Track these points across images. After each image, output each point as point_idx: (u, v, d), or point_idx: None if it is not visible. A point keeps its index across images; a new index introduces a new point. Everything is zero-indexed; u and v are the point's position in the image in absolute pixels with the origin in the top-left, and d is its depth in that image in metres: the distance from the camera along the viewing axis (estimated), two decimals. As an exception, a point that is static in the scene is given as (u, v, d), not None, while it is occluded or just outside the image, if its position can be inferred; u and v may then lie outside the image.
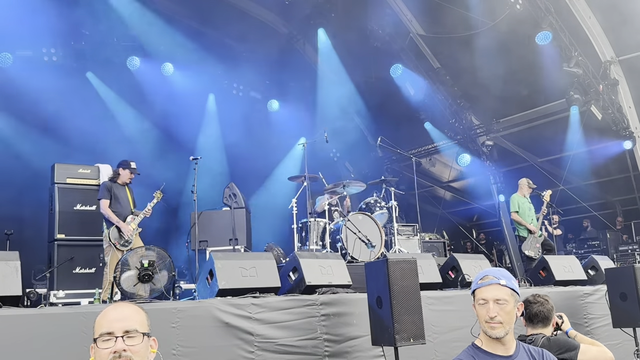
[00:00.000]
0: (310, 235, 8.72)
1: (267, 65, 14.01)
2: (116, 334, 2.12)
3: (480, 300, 2.67)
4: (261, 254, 5.89)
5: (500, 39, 11.74)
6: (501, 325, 2.61)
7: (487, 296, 2.65)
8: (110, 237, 7.40)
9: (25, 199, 9.93)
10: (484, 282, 2.70)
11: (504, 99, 13.33)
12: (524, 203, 10.10)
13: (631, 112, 13.14)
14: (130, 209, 7.77)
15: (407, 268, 4.69)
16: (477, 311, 2.71)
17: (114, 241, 7.38)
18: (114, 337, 2.12)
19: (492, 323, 2.61)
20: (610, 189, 14.62)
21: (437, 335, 5.78)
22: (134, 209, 7.83)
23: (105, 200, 7.56)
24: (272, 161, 13.55)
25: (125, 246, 7.42)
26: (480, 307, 2.67)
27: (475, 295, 2.73)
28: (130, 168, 7.86)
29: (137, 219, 7.65)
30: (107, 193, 7.59)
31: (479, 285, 2.72)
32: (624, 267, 7.71)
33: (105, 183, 7.78)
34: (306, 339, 5.02)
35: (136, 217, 7.65)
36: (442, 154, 16.55)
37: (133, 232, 7.54)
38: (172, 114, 12.73)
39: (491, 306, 2.62)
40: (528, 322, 4.08)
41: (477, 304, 2.70)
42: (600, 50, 12.73)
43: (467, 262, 7.07)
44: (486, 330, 2.64)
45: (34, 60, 11.43)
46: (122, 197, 7.75)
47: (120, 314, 2.20)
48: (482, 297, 2.67)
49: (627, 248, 13.40)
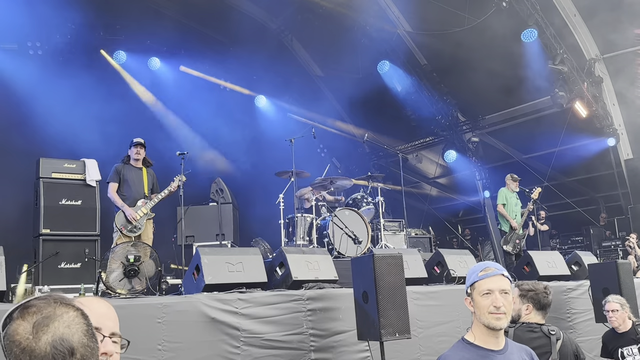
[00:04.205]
0: (297, 231, 8.74)
1: (254, 60, 13.98)
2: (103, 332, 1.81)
3: (485, 291, 2.64)
4: (248, 249, 5.90)
5: (486, 36, 11.81)
6: (505, 316, 2.60)
7: (493, 286, 2.63)
8: (116, 222, 7.12)
9: (9, 194, 9.83)
10: (487, 273, 2.68)
11: (490, 96, 13.42)
12: (511, 198, 10.21)
13: (615, 110, 13.30)
14: (143, 192, 7.41)
15: (393, 263, 4.73)
16: (477, 303, 2.66)
17: (120, 226, 7.09)
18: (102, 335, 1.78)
19: (498, 313, 2.59)
20: (593, 186, 14.78)
21: (422, 330, 5.84)
22: (147, 194, 7.44)
23: (112, 183, 7.30)
24: (259, 156, 13.52)
25: (134, 232, 7.13)
26: (483, 298, 2.64)
27: (475, 288, 2.69)
28: (132, 144, 7.57)
29: (150, 203, 7.28)
30: (116, 176, 7.34)
31: (481, 276, 2.68)
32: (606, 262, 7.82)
33: (116, 165, 7.51)
34: (292, 334, 5.04)
35: (148, 202, 7.29)
36: (429, 150, 16.63)
37: (143, 218, 7.17)
38: (158, 109, 12.67)
39: (498, 296, 2.61)
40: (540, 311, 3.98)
41: (479, 295, 2.66)
42: (585, 48, 12.86)
43: (452, 258, 7.13)
44: (489, 322, 2.61)
45: (18, 53, 11.32)
46: (134, 180, 7.41)
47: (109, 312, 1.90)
48: (488, 287, 2.64)
49: (610, 244, 13.57)
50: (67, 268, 7.89)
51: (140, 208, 7.23)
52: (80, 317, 1.38)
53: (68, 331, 1.33)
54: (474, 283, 2.71)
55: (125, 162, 7.51)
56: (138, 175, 7.48)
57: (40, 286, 7.57)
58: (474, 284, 2.71)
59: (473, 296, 2.70)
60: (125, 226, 7.10)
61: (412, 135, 16.38)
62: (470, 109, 15.12)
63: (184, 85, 13.54)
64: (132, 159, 7.54)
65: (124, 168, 7.42)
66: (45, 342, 1.30)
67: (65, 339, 1.31)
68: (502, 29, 11.71)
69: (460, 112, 15.47)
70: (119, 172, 7.38)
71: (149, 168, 7.66)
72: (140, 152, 7.60)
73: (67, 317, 1.35)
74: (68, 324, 1.34)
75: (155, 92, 12.88)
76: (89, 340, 1.35)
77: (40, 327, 1.32)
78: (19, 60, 11.06)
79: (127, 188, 7.34)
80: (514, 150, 15.05)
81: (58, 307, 1.36)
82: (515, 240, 9.84)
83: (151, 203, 7.27)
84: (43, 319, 1.33)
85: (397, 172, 11.60)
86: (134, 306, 4.44)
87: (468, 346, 2.70)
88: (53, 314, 1.35)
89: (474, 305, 2.69)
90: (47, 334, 1.31)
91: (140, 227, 7.17)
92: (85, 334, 1.35)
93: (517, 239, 9.87)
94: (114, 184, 7.31)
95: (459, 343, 2.76)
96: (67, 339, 1.32)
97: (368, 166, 16.55)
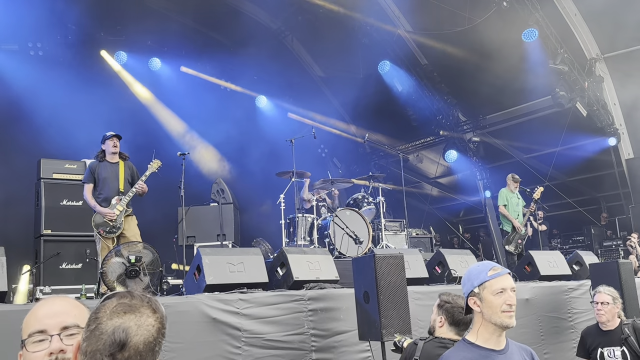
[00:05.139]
0: (298, 231, 8.74)
1: (255, 60, 13.98)
2: (50, 332, 1.75)
3: (499, 289, 2.65)
4: (249, 250, 5.90)
5: (487, 36, 11.80)
6: (513, 314, 2.64)
7: (505, 285, 2.65)
8: (93, 225, 6.68)
9: (10, 194, 9.84)
10: (497, 272, 2.69)
11: (491, 96, 13.41)
12: (511, 198, 10.21)
13: (616, 109, 13.28)
14: (117, 188, 6.92)
15: (394, 263, 4.72)
16: (489, 302, 2.66)
17: (98, 229, 6.65)
18: (48, 336, 1.74)
19: (511, 312, 2.62)
20: (594, 185, 14.76)
21: (424, 330, 5.82)
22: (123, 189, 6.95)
23: (88, 184, 6.86)
24: (260, 157, 13.53)
25: (113, 233, 6.69)
26: (496, 297, 2.64)
27: (486, 287, 2.68)
28: (107, 137, 7.05)
29: (125, 198, 6.81)
30: (90, 176, 6.89)
31: (492, 276, 2.69)
32: (608, 262, 7.82)
33: (90, 164, 7.04)
34: (293, 334, 5.04)
35: (123, 197, 6.82)
36: (429, 150, 16.62)
37: (120, 215, 6.72)
38: (159, 109, 12.68)
39: (511, 294, 2.64)
40: (453, 326, 3.60)
41: (491, 294, 2.66)
42: (585, 47, 12.85)
43: (453, 258, 7.12)
44: (502, 320, 2.62)
45: (19, 54, 11.33)
46: (110, 177, 6.94)
47: (52, 309, 1.81)
48: (501, 286, 2.65)
49: (611, 243, 13.55)
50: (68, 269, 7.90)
51: (115, 206, 6.79)
52: (154, 327, 1.41)
53: (135, 329, 1.38)
54: (483, 282, 2.70)
55: (100, 160, 7.03)
56: (114, 171, 7.01)
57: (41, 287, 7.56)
58: (483, 283, 2.70)
59: (483, 295, 2.69)
60: (103, 228, 6.67)
61: (413, 135, 16.37)
62: (471, 108, 15.11)
63: (184, 86, 13.54)
64: (108, 154, 7.04)
65: (99, 166, 6.96)
66: (112, 324, 1.37)
67: (127, 332, 1.37)
68: (502, 28, 11.70)
69: (461, 111, 15.47)
70: (94, 171, 6.92)
71: (127, 160, 7.19)
72: (117, 145, 7.08)
73: (143, 318, 1.41)
74: (140, 323, 1.39)
75: (156, 93, 12.89)
76: (144, 349, 1.38)
77: (119, 311, 1.40)
78: (19, 61, 11.08)
79: (103, 186, 6.89)
80: (515, 150, 15.04)
81: (144, 307, 1.43)
82: (517, 240, 9.85)
83: (126, 198, 6.82)
84: (127, 306, 1.41)
85: (398, 172, 11.61)
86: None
87: (469, 346, 2.70)
88: (136, 308, 1.42)
89: (483, 304, 2.68)
90: (119, 320, 1.38)
91: (119, 226, 6.75)
92: (144, 343, 1.38)
93: (519, 239, 9.87)
94: (89, 185, 6.86)
95: (461, 343, 2.77)
96: (128, 333, 1.37)
97: (369, 166, 16.55)
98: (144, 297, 1.46)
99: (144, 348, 1.38)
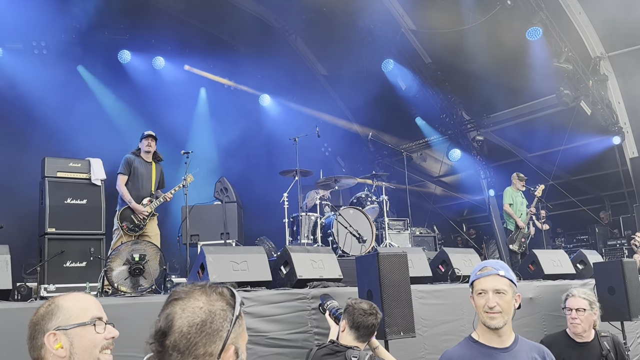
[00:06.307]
0: (301, 230, 8.75)
1: (258, 59, 13.99)
2: (104, 320, 2.00)
3: (480, 290, 2.67)
4: (252, 248, 5.90)
5: (490, 34, 11.78)
6: (500, 315, 2.62)
7: (487, 286, 2.66)
8: (119, 218, 6.74)
9: (15, 193, 9.87)
10: (483, 272, 2.70)
11: (495, 95, 13.38)
12: (517, 197, 10.21)
13: (620, 108, 13.25)
14: (150, 189, 7.01)
15: (398, 262, 4.72)
16: (475, 302, 2.71)
17: (122, 223, 6.71)
18: (103, 322, 1.99)
19: (492, 313, 2.62)
20: (599, 184, 14.73)
21: (427, 329, 5.83)
22: (154, 191, 7.05)
23: (122, 175, 6.86)
24: (264, 155, 13.54)
25: (135, 231, 6.76)
26: (479, 297, 2.68)
27: (474, 287, 2.73)
28: (143, 136, 7.12)
29: (156, 202, 6.89)
30: (127, 168, 6.90)
31: (477, 276, 2.72)
32: (612, 261, 7.79)
33: (127, 156, 7.06)
34: (297, 333, 5.05)
35: (154, 201, 6.91)
36: (433, 149, 16.61)
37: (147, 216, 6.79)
38: (163, 108, 12.69)
39: (490, 296, 2.63)
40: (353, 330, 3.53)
41: (475, 294, 2.71)
42: (590, 46, 12.81)
43: (457, 256, 7.11)
44: (485, 321, 2.65)
45: (24, 53, 11.36)
46: (144, 175, 6.99)
47: (96, 304, 2.04)
48: (482, 287, 2.67)
49: (615, 242, 13.53)
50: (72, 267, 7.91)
51: (145, 207, 6.90)
52: (202, 309, 1.40)
53: (180, 313, 1.39)
54: (472, 282, 2.75)
55: (136, 155, 7.11)
56: (147, 170, 7.10)
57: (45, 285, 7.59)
58: (472, 283, 2.75)
59: (473, 294, 2.75)
60: (127, 223, 6.77)
61: (417, 133, 16.36)
62: (475, 107, 15.08)
63: (188, 85, 13.55)
64: (143, 152, 7.15)
65: (136, 160, 7.03)
66: (164, 314, 1.42)
67: (170, 318, 1.39)
68: (506, 27, 11.68)
69: (464, 110, 15.44)
70: (130, 164, 6.97)
71: (158, 163, 7.29)
72: (152, 145, 7.19)
73: (191, 302, 1.41)
74: (185, 307, 1.40)
75: (160, 91, 12.89)
76: (189, 330, 1.37)
77: (171, 300, 1.45)
78: (24, 60, 11.11)
79: (135, 182, 6.95)
80: (519, 148, 15.01)
81: (197, 292, 1.43)
82: (521, 239, 9.84)
83: (157, 202, 6.94)
84: (178, 294, 1.45)
85: (401, 170, 11.60)
86: (139, 305, 4.44)
87: (472, 344, 2.72)
88: (187, 294, 1.43)
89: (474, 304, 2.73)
90: (170, 308, 1.42)
91: (143, 226, 6.83)
92: (189, 325, 1.37)
93: (522, 238, 9.86)
94: (123, 176, 6.89)
95: (465, 340, 2.78)
96: (172, 318, 1.39)
97: (372, 165, 16.53)
98: (200, 284, 1.48)
99: (189, 330, 1.37)
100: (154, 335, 1.39)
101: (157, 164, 7.28)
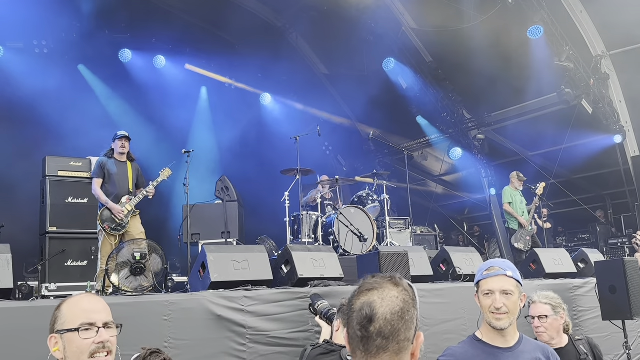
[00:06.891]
0: (302, 228, 8.75)
1: (259, 58, 13.98)
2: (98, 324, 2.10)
3: (486, 291, 2.65)
4: (253, 247, 5.90)
5: (492, 32, 11.76)
6: (507, 316, 2.61)
7: (494, 287, 2.64)
8: (99, 219, 6.79)
9: (16, 192, 9.88)
10: (490, 273, 2.68)
11: (496, 93, 13.37)
12: (515, 196, 10.19)
13: (621, 106, 13.23)
14: (127, 188, 7.07)
15: (399, 261, 4.73)
16: (481, 302, 2.69)
17: (103, 224, 6.75)
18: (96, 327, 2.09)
19: (498, 314, 2.60)
20: (600, 183, 14.72)
21: (428, 328, 5.82)
22: (132, 189, 7.11)
23: (97, 179, 6.95)
24: (265, 154, 13.54)
25: (118, 230, 6.79)
26: (485, 297, 2.66)
27: (480, 286, 2.71)
28: (116, 137, 7.19)
29: (135, 199, 6.95)
30: (100, 171, 6.99)
31: (484, 276, 2.69)
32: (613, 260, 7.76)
33: (99, 160, 7.14)
34: (298, 332, 5.04)
35: (133, 198, 6.96)
36: (434, 147, 16.60)
37: (127, 215, 6.83)
38: (164, 107, 12.69)
39: (498, 297, 2.61)
40: None
41: (481, 294, 2.68)
42: (591, 44, 12.79)
43: (458, 255, 7.11)
44: (491, 321, 2.63)
45: (25, 52, 11.36)
46: (119, 175, 7.06)
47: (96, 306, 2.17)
48: (488, 288, 2.65)
49: (616, 241, 13.50)
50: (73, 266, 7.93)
51: (124, 205, 6.91)
52: (397, 298, 1.54)
53: (379, 302, 1.52)
54: (479, 282, 2.72)
55: (109, 157, 7.17)
56: (123, 170, 7.14)
57: (46, 284, 7.60)
58: (479, 282, 2.72)
59: (478, 294, 2.72)
60: (109, 224, 6.77)
61: (418, 132, 16.35)
62: (476, 106, 15.07)
63: (189, 84, 13.55)
64: (116, 153, 7.18)
65: (108, 163, 7.08)
66: (360, 302, 1.55)
67: (372, 306, 1.51)
68: (507, 25, 11.66)
69: (465, 109, 15.43)
70: (103, 166, 7.02)
71: (134, 162, 7.33)
72: (126, 146, 7.23)
73: (386, 292, 1.55)
74: (383, 296, 1.53)
75: (161, 90, 12.89)
76: (392, 318, 1.50)
77: (364, 290, 1.58)
78: (25, 59, 11.11)
79: (112, 184, 7.00)
80: (520, 147, 14.99)
81: (386, 283, 1.58)
82: (525, 238, 9.83)
83: (136, 200, 6.96)
84: (370, 284, 1.58)
85: (402, 169, 11.59)
86: (140, 304, 4.45)
87: (476, 342, 2.71)
88: (379, 284, 1.57)
89: (480, 303, 2.70)
90: (365, 297, 1.55)
91: (125, 225, 6.85)
92: (391, 312, 1.51)
93: (527, 236, 9.85)
94: (98, 179, 6.95)
95: (469, 339, 2.77)
96: (374, 306, 1.51)
97: (373, 164, 16.52)
98: (386, 276, 1.61)
99: (392, 317, 1.50)
100: (361, 322, 1.51)
101: (133, 163, 7.29)
